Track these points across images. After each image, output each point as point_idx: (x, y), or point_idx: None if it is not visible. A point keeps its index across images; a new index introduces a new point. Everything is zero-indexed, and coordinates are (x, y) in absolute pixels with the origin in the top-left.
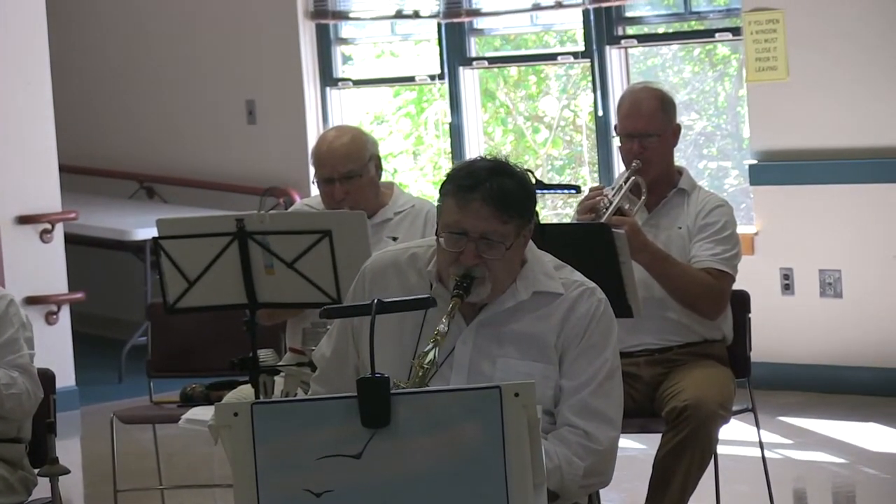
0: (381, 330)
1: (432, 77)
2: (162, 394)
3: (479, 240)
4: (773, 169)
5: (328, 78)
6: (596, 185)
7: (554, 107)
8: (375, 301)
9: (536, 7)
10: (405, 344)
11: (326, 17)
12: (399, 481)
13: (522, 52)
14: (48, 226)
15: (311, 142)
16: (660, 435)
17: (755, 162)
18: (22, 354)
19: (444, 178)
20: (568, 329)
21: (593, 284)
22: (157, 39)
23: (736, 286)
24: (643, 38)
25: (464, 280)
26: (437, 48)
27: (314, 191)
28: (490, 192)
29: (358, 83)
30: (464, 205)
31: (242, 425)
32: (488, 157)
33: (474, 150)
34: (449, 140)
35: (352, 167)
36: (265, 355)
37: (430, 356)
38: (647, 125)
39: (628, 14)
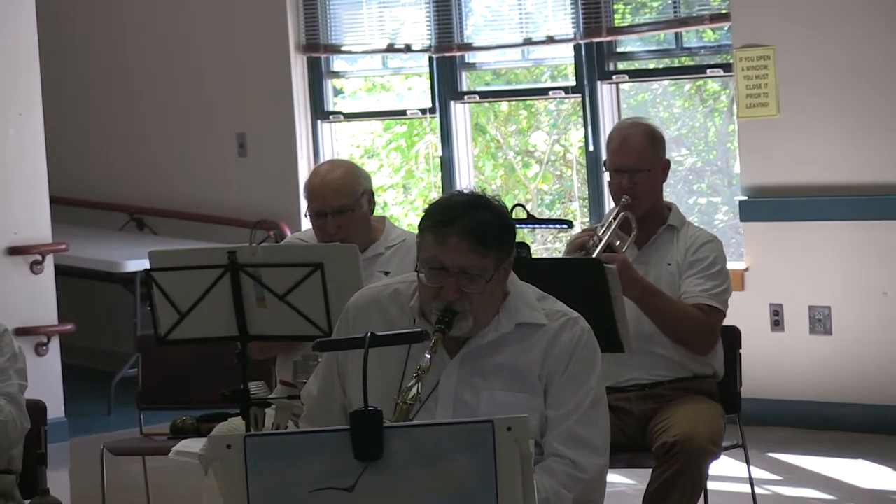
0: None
1: (423, 111)
2: (151, 426)
3: (458, 274)
4: (764, 205)
5: (319, 111)
6: (589, 227)
7: (544, 141)
8: (368, 334)
9: (528, 42)
10: (389, 380)
11: (318, 51)
12: None
13: (514, 86)
14: (39, 257)
15: (302, 175)
16: (650, 470)
17: (745, 198)
18: (11, 383)
19: (423, 214)
20: (552, 359)
21: (576, 314)
22: (148, 72)
23: (726, 322)
24: (634, 74)
25: (445, 315)
26: (429, 82)
27: (304, 224)
28: (467, 226)
29: (349, 116)
30: (442, 240)
31: (235, 457)
32: (466, 191)
33: (465, 183)
34: (439, 174)
35: (344, 202)
36: (256, 388)
37: (414, 391)
38: (637, 160)
39: (620, 50)
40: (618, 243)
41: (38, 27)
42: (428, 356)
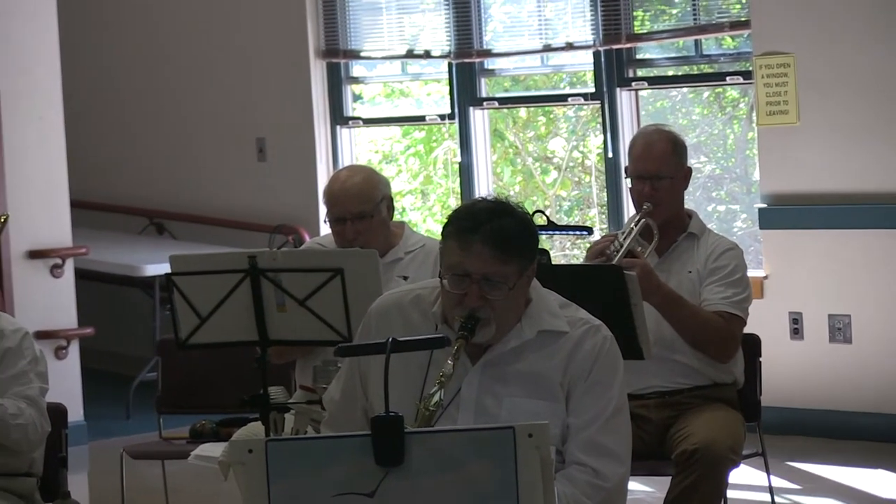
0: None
1: (442, 117)
2: (171, 430)
3: (481, 281)
4: (783, 213)
5: (338, 117)
6: (609, 234)
7: (563, 148)
8: (390, 340)
9: (547, 48)
10: (411, 386)
11: (338, 56)
12: None
13: (533, 93)
14: (59, 261)
15: (321, 180)
16: (669, 478)
17: (765, 206)
18: (31, 387)
19: (446, 220)
20: (574, 367)
21: (598, 322)
22: (168, 76)
23: (745, 330)
24: (653, 81)
25: (468, 321)
26: (448, 88)
27: (323, 229)
28: (491, 233)
29: (368, 122)
30: (465, 246)
31: (257, 462)
32: (489, 198)
33: (483, 189)
34: (458, 180)
35: (364, 208)
36: (275, 392)
37: (436, 398)
38: (659, 167)
39: (639, 56)
40: (639, 250)
41: (59, 31)
42: (450, 363)
